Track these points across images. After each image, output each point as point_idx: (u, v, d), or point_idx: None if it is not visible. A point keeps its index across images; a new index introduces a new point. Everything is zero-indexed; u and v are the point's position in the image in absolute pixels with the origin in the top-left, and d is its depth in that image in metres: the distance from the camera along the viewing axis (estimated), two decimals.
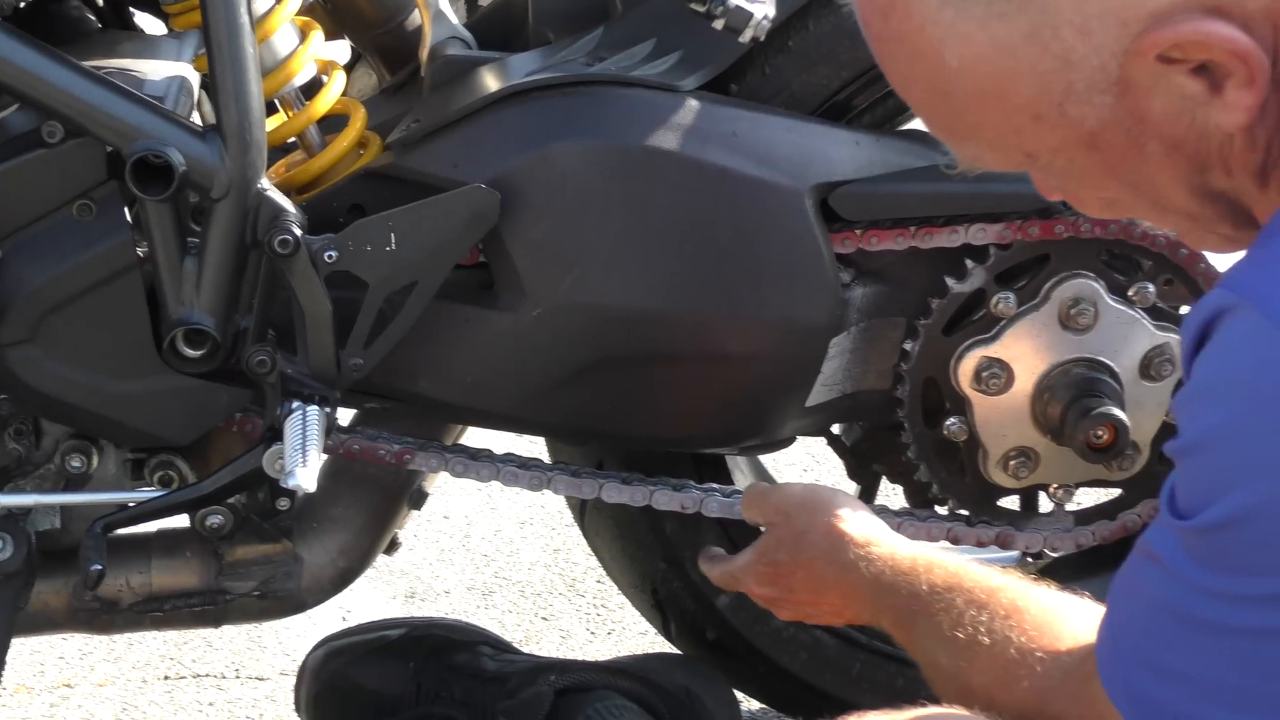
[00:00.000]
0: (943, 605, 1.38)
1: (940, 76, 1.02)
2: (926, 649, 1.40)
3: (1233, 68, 0.98)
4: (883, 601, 1.46)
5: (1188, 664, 1.04)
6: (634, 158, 1.59)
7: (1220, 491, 1.00)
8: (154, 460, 1.64)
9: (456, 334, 1.61)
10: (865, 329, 1.67)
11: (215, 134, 1.52)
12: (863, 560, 1.48)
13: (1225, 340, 1.00)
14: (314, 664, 1.82)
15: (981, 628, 1.33)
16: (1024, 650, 1.29)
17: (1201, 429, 1.01)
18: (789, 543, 1.53)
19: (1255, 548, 1.00)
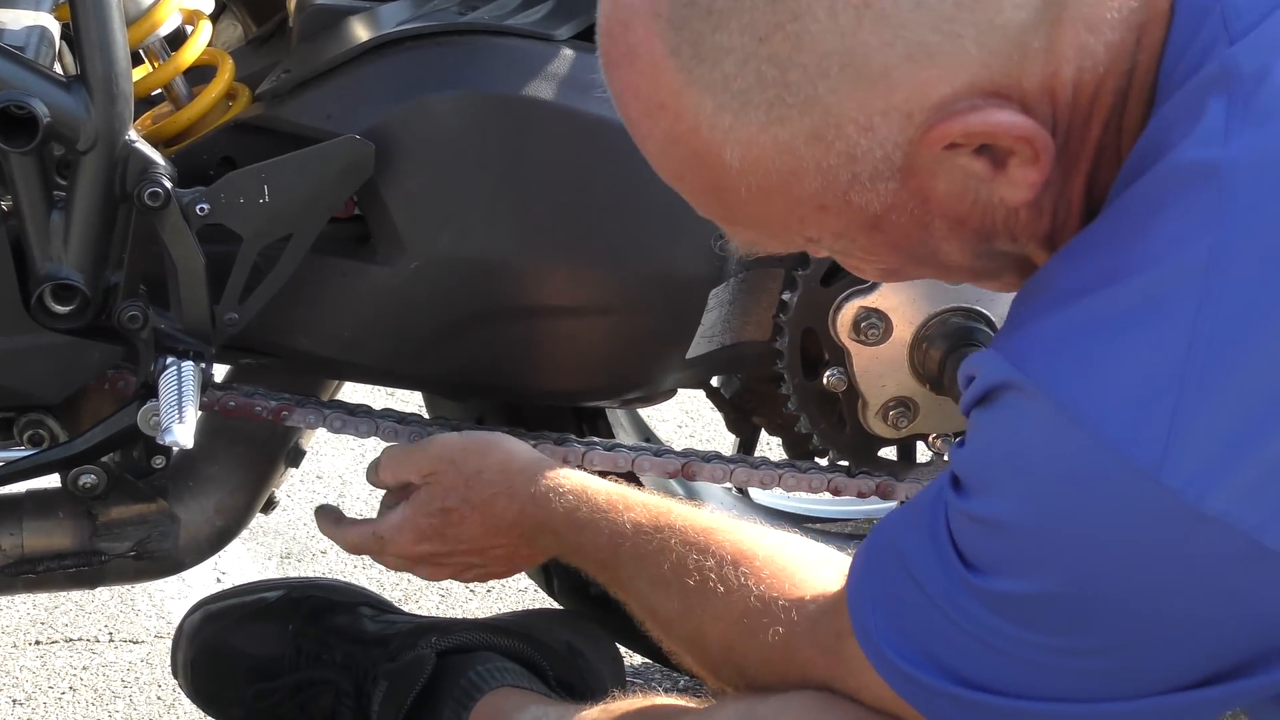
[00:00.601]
0: (656, 546, 1.36)
1: (719, 176, 1.02)
2: (641, 593, 1.38)
3: (1018, 149, 0.99)
4: (580, 539, 1.43)
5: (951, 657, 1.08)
6: (510, 108, 1.57)
7: (1010, 571, 1.04)
8: (23, 419, 1.60)
9: (333, 288, 1.59)
10: (744, 280, 1.67)
11: (80, 85, 1.48)
12: (554, 493, 1.45)
13: (1014, 423, 1.02)
14: (190, 628, 1.79)
15: (711, 573, 1.30)
16: (766, 599, 1.27)
17: (994, 512, 1.04)
18: (458, 488, 1.50)
19: (1038, 615, 1.03)
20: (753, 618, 1.26)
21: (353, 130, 1.54)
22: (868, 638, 1.14)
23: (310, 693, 1.74)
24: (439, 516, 1.52)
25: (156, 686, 2.03)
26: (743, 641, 1.27)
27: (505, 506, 1.49)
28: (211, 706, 1.79)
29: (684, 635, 1.34)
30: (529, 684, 1.68)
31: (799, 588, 1.27)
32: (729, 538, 1.34)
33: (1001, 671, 1.07)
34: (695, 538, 1.35)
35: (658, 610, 1.37)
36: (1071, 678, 1.04)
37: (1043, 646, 1.04)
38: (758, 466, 1.73)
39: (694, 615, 1.31)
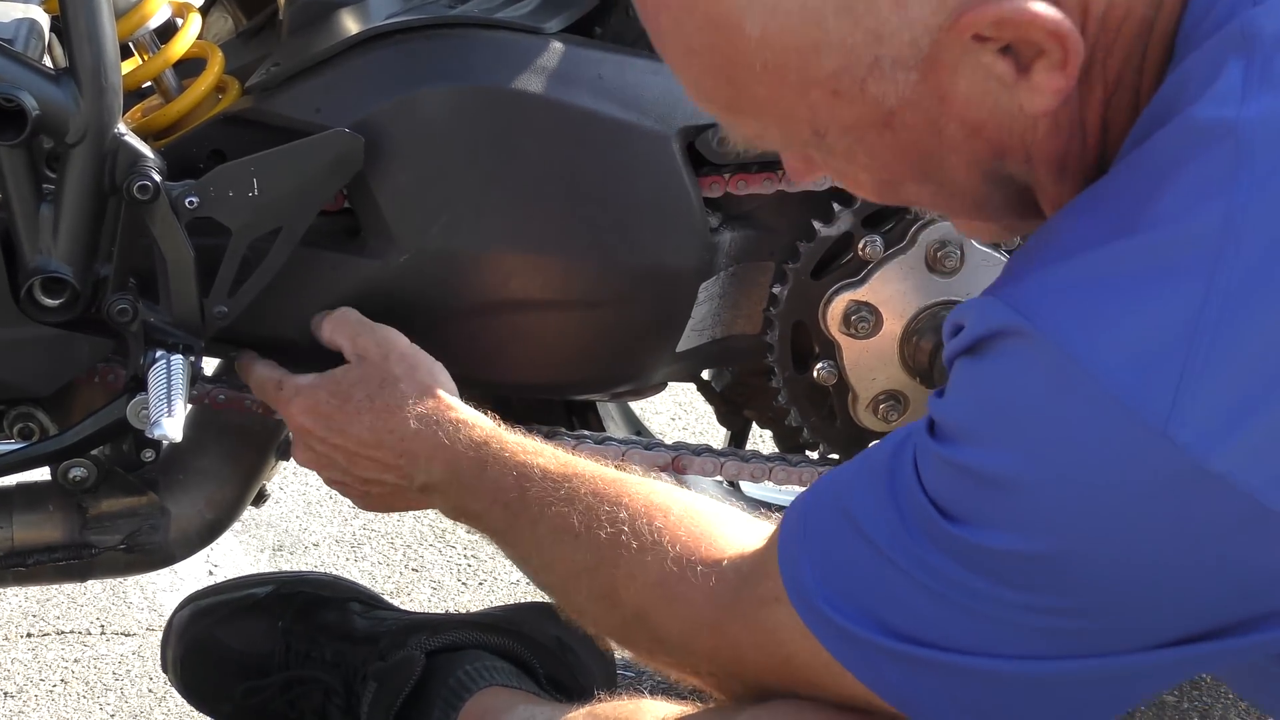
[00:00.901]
0: (566, 494, 1.32)
1: (735, 47, 0.99)
2: (543, 543, 1.33)
3: (1048, 48, 0.97)
4: (479, 480, 1.39)
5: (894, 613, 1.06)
6: (499, 101, 1.57)
7: (999, 525, 1.01)
8: (13, 412, 1.60)
9: (323, 281, 1.59)
10: (734, 274, 1.67)
11: (69, 77, 1.48)
12: (463, 425, 1.42)
13: (1015, 371, 0.99)
14: (180, 624, 1.79)
15: (623, 527, 1.26)
16: (683, 562, 1.22)
17: (988, 464, 1.01)
18: (372, 382, 1.48)
19: (1020, 573, 1.01)
20: (670, 583, 1.22)
21: (342, 123, 1.54)
22: (804, 599, 1.10)
23: (299, 690, 1.75)
24: (339, 399, 1.49)
25: (148, 679, 2.03)
26: (659, 610, 1.23)
27: (401, 421, 1.45)
28: (202, 703, 1.80)
29: (592, 591, 1.29)
30: (518, 682, 1.69)
31: (716, 549, 1.22)
32: (640, 491, 1.30)
33: (959, 627, 1.04)
34: (606, 488, 1.31)
35: (559, 563, 1.32)
36: (1041, 635, 1.03)
37: (1016, 604, 1.02)
38: (748, 460, 1.73)
39: (605, 570, 1.27)
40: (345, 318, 1.55)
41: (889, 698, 1.09)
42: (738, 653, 1.19)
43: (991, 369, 1.01)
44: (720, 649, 1.20)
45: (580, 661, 1.76)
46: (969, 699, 1.07)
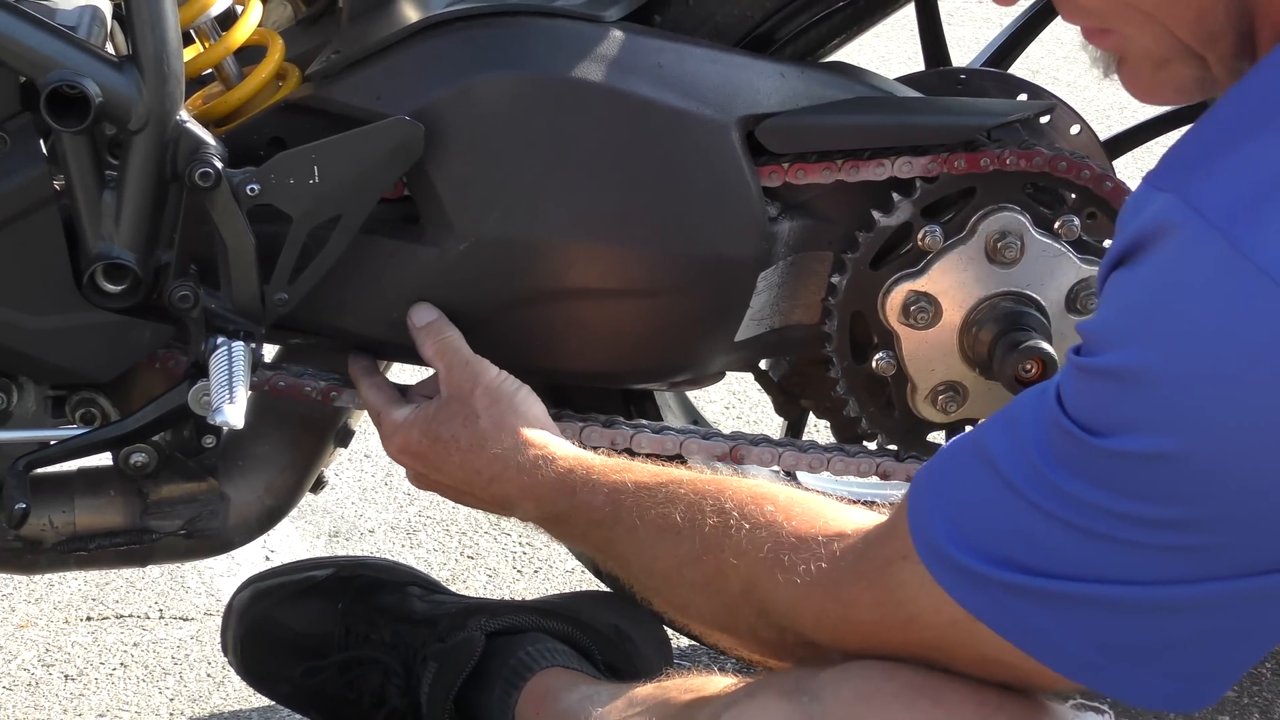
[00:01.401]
0: (664, 497, 1.34)
1: None
2: (642, 546, 1.35)
3: None
4: (571, 504, 1.42)
5: (1028, 552, 1.07)
6: (559, 90, 1.57)
7: (1140, 427, 1.01)
8: (75, 397, 1.61)
9: (382, 268, 1.59)
10: (793, 263, 1.67)
11: (131, 65, 1.49)
12: (543, 460, 1.45)
13: (1176, 264, 0.99)
14: (240, 606, 1.81)
15: (732, 513, 1.27)
16: (800, 534, 1.23)
17: (1135, 361, 1.01)
18: (457, 420, 1.51)
19: (1158, 480, 1.01)
20: (786, 552, 1.23)
21: (402, 111, 1.54)
22: (932, 548, 1.12)
23: (359, 671, 1.75)
24: (429, 439, 1.52)
25: (206, 664, 2.04)
26: (769, 579, 1.24)
27: (487, 463, 1.49)
28: (261, 684, 1.81)
29: (695, 580, 1.30)
30: (578, 665, 1.69)
31: (834, 524, 1.24)
32: (744, 485, 1.32)
33: (1092, 556, 1.05)
34: (707, 487, 1.33)
35: (661, 559, 1.33)
36: (1176, 556, 1.03)
37: (1152, 521, 1.02)
38: (806, 450, 1.73)
39: (711, 556, 1.28)
40: (447, 344, 1.56)
41: (1018, 639, 1.10)
42: (851, 614, 1.19)
43: (1147, 269, 1.00)
44: (829, 611, 1.21)
45: (638, 649, 1.76)
46: (1101, 632, 1.07)
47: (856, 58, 1.85)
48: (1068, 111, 1.75)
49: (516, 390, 1.53)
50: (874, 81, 1.70)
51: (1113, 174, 1.70)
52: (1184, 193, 0.99)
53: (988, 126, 1.66)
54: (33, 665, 2.04)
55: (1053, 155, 1.66)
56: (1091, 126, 1.76)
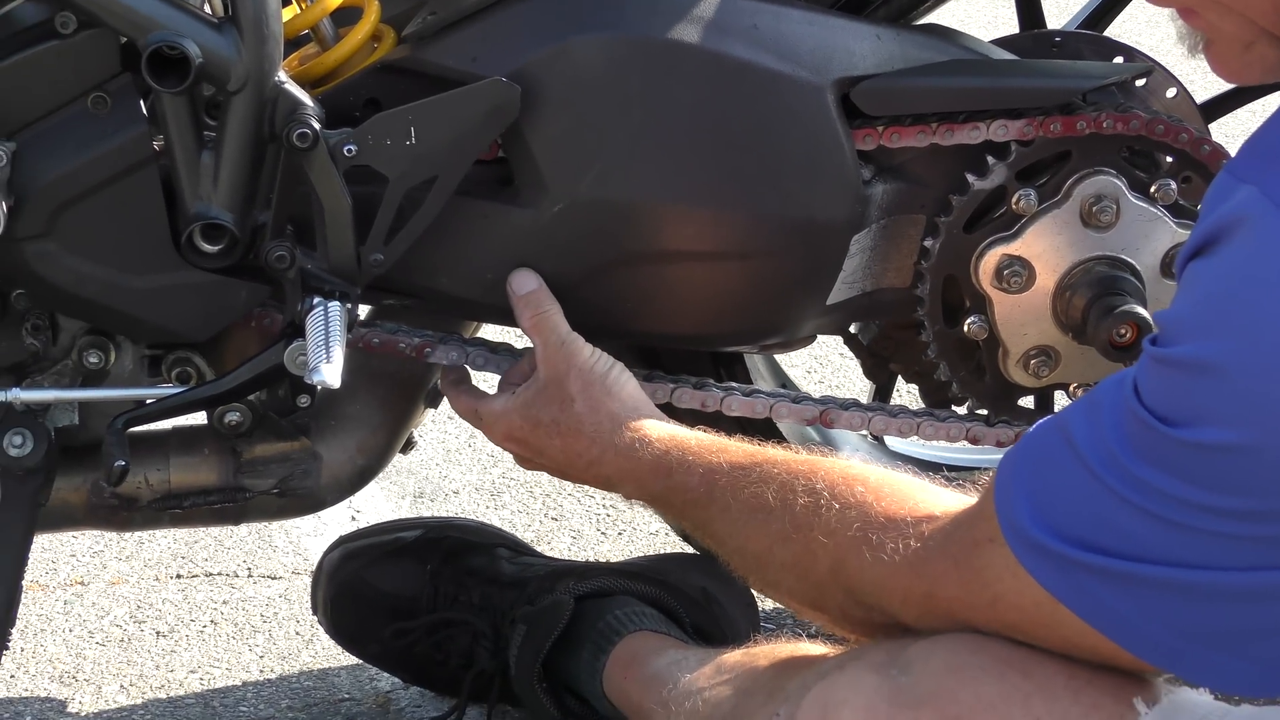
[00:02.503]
0: (757, 476, 1.35)
1: None
2: (736, 524, 1.36)
3: None
4: (668, 484, 1.43)
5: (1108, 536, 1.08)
6: (655, 51, 1.57)
7: (1215, 418, 1.01)
8: (171, 356, 1.62)
9: (476, 230, 1.59)
10: (886, 226, 1.66)
11: (230, 25, 1.49)
12: (640, 442, 1.47)
13: (1254, 253, 0.99)
14: (330, 566, 1.82)
15: (823, 493, 1.29)
16: (890, 514, 1.25)
17: (1212, 352, 1.01)
18: (554, 404, 1.52)
19: (1230, 472, 1.01)
20: (874, 531, 1.25)
21: (498, 73, 1.54)
22: (1017, 530, 1.13)
23: (447, 633, 1.77)
24: (530, 424, 1.54)
25: (295, 622, 2.06)
26: (857, 558, 1.25)
27: (586, 446, 1.51)
28: (351, 644, 1.82)
29: (785, 559, 1.32)
30: (666, 629, 1.69)
31: (923, 506, 1.25)
32: (836, 465, 1.34)
33: (1172, 544, 1.06)
34: (800, 467, 1.34)
35: (754, 539, 1.35)
36: (1253, 545, 1.04)
37: (1228, 511, 1.03)
38: (895, 415, 1.72)
39: (800, 535, 1.30)
40: (545, 319, 1.56)
41: (1098, 622, 1.11)
42: (937, 592, 1.21)
43: (1223, 260, 1.01)
44: (915, 588, 1.22)
45: (725, 613, 1.76)
46: (1178, 617, 1.08)
47: (939, 17, 1.84)
48: (1164, 75, 1.74)
49: (609, 370, 1.54)
50: (969, 44, 1.69)
51: (1210, 137, 1.69)
52: (1264, 185, 0.99)
53: (1084, 89, 1.65)
54: (125, 621, 2.07)
55: (1149, 119, 1.64)
56: (1188, 90, 1.74)
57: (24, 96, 1.50)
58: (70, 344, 1.60)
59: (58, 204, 1.51)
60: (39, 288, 1.55)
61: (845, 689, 1.23)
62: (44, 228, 1.52)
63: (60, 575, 2.14)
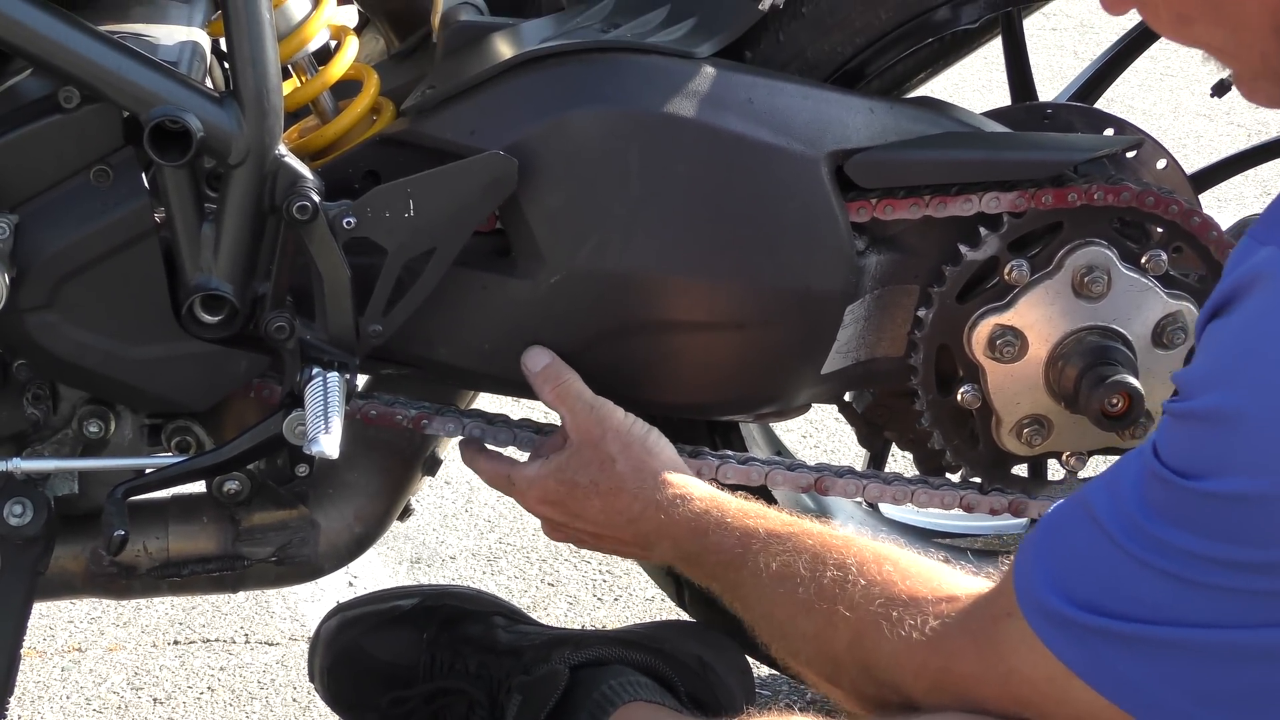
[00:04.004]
0: (791, 546, 1.37)
1: None
2: (765, 591, 1.37)
3: None
4: (703, 544, 1.45)
5: (1125, 602, 1.09)
6: (651, 125, 1.59)
7: (1236, 470, 1.02)
8: (171, 426, 1.64)
9: (474, 301, 1.61)
10: (880, 296, 1.68)
11: (232, 99, 1.51)
12: (681, 500, 1.48)
13: (1273, 314, 1.00)
14: (327, 634, 1.83)
15: (852, 567, 1.30)
16: (913, 593, 1.26)
17: (1228, 403, 1.02)
18: (592, 468, 1.53)
19: (1248, 523, 1.02)
20: (896, 608, 1.26)
21: (496, 146, 1.56)
22: (1033, 599, 1.14)
23: (444, 702, 1.77)
24: (566, 487, 1.55)
25: (292, 689, 2.06)
26: (876, 633, 1.26)
27: (628, 504, 1.52)
28: (348, 712, 1.83)
29: (807, 630, 1.33)
30: (661, 699, 1.70)
31: (946, 588, 1.27)
32: (869, 545, 1.35)
33: (1191, 605, 1.06)
34: (833, 542, 1.36)
35: (780, 606, 1.36)
36: (1261, 602, 1.04)
37: (1249, 565, 1.03)
38: (890, 482, 1.73)
39: (824, 606, 1.31)
40: (568, 389, 1.59)
41: (1110, 690, 1.11)
42: (952, 666, 1.21)
43: (1239, 316, 1.03)
44: (931, 663, 1.23)
45: (721, 681, 1.77)
46: (1194, 680, 1.09)
47: (932, 84, 1.87)
48: (1154, 146, 1.75)
49: (648, 433, 1.57)
50: (961, 116, 1.71)
51: (1200, 209, 1.71)
52: None
53: (1075, 162, 1.67)
54: (122, 688, 2.07)
55: (1140, 190, 1.66)
56: (1178, 161, 1.76)
57: (27, 169, 1.52)
58: (70, 413, 1.62)
59: (60, 275, 1.53)
60: (41, 358, 1.57)
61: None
62: (46, 299, 1.53)
63: (58, 641, 2.15)
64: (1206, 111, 3.94)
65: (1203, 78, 4.14)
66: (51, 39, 1.49)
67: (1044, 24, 4.40)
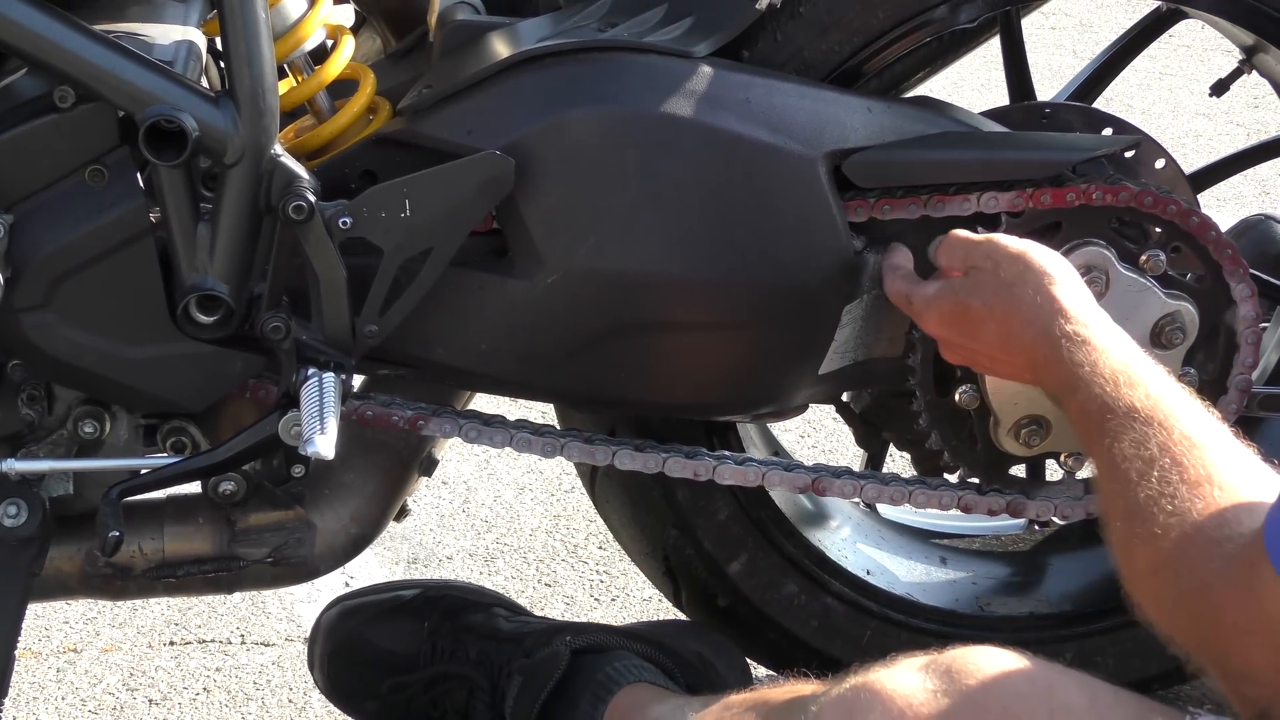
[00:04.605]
0: (1136, 437, 1.34)
1: None
2: (1107, 470, 1.36)
3: None
4: (1074, 395, 1.42)
5: None
6: (648, 125, 1.58)
7: None
8: (166, 426, 1.63)
9: (471, 301, 1.60)
10: (878, 296, 1.67)
11: (228, 99, 1.51)
12: (1068, 341, 1.44)
13: None
14: (328, 623, 1.83)
15: (1164, 494, 1.28)
16: (1194, 532, 1.25)
17: None
18: (988, 290, 1.50)
19: None
20: (1180, 552, 1.25)
21: (493, 145, 1.56)
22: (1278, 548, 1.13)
23: (444, 687, 1.77)
24: (961, 309, 1.53)
25: (288, 689, 2.06)
26: (1164, 576, 1.26)
27: (1022, 330, 1.48)
28: (346, 701, 1.82)
29: (1119, 539, 1.32)
30: (664, 683, 1.70)
31: (1230, 524, 1.24)
32: (1206, 458, 1.30)
33: None
34: (1175, 447, 1.32)
35: (1104, 496, 1.36)
36: None
37: None
38: (888, 483, 1.73)
39: (1133, 526, 1.30)
40: (951, 242, 1.56)
41: None
42: (1227, 623, 1.21)
43: None
44: (1210, 619, 1.22)
45: (720, 677, 1.77)
46: None
47: (931, 83, 1.86)
48: (1153, 146, 1.75)
49: (1045, 260, 1.50)
50: (960, 116, 1.70)
51: (1198, 208, 1.70)
52: None
53: (1073, 161, 1.66)
54: (117, 689, 2.06)
55: (1138, 190, 1.66)
56: (1177, 161, 1.76)
57: (22, 169, 1.51)
58: (66, 414, 1.61)
59: (55, 276, 1.52)
60: (36, 358, 1.56)
61: (882, 680, 1.23)
62: (42, 299, 1.53)
63: (53, 642, 2.14)
64: (1205, 111, 3.94)
65: (1202, 77, 4.16)
66: (47, 38, 1.48)
67: (1043, 23, 4.40)
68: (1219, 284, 1.69)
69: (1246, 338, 1.71)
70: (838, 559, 1.89)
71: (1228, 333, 1.71)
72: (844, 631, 1.87)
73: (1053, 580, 1.98)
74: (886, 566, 1.93)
